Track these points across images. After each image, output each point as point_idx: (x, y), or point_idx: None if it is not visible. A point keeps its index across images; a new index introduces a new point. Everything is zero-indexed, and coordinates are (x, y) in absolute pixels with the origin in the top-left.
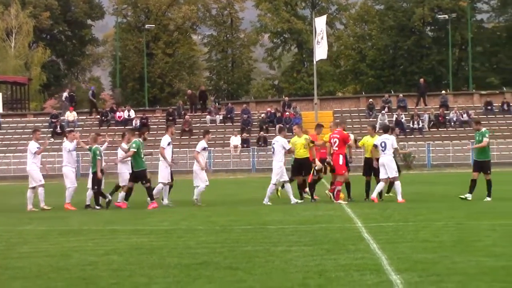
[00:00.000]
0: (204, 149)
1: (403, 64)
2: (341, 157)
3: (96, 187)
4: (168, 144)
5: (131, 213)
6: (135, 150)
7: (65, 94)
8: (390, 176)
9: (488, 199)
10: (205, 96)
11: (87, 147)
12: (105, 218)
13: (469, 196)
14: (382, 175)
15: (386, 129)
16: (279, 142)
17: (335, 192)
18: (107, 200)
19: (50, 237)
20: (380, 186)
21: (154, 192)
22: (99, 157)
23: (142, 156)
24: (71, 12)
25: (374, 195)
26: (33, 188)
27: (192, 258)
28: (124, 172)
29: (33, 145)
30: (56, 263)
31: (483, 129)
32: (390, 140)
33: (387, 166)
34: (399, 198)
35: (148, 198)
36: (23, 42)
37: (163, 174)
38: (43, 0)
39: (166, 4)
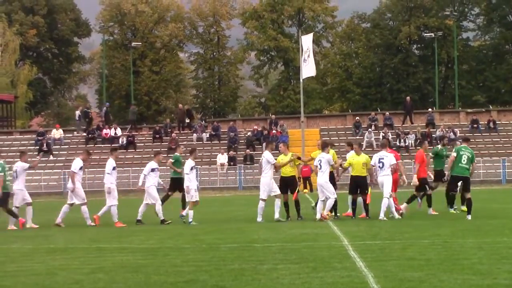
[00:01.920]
0: (153, 170)
1: (390, 82)
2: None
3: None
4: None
5: (117, 231)
6: (2, 174)
7: (77, 113)
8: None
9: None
10: (190, 115)
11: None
12: (90, 236)
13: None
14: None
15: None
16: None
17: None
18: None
19: (36, 255)
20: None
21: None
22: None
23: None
24: (57, 30)
25: (382, 215)
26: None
27: (178, 276)
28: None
29: (23, 165)
30: (42, 282)
31: (461, 144)
32: (388, 157)
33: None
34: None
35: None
36: (9, 60)
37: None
38: (30, 18)
39: (153, 22)
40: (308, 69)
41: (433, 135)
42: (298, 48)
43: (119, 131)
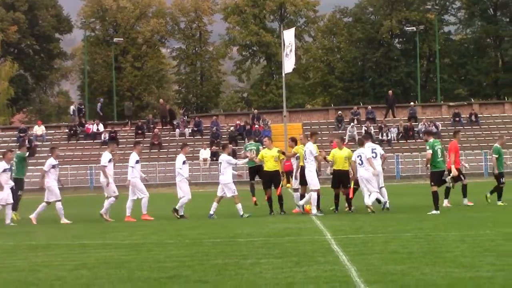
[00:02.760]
0: (184, 162)
1: (372, 76)
2: None
3: None
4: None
5: (100, 227)
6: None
7: (72, 108)
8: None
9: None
10: (172, 114)
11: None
12: (73, 232)
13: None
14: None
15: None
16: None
17: None
18: None
19: (18, 252)
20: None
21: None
22: None
23: None
24: (38, 26)
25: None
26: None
27: (162, 271)
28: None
29: (51, 161)
30: (24, 278)
31: (431, 140)
32: (378, 149)
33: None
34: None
35: None
36: None
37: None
38: (11, 14)
39: (135, 17)
40: (290, 64)
41: (415, 129)
42: (280, 43)
43: (101, 127)
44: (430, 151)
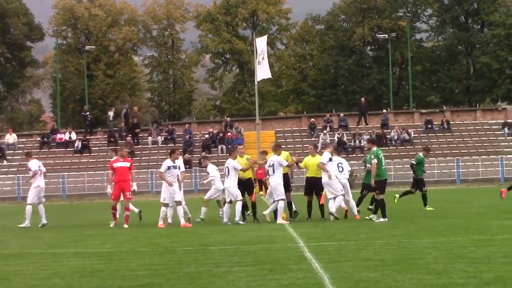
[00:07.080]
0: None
1: (344, 83)
2: None
3: None
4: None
5: (72, 236)
6: None
7: (111, 114)
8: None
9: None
10: (136, 126)
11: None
12: (46, 241)
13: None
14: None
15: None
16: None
17: None
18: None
19: None
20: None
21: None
22: None
23: None
24: (10, 34)
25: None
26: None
27: (135, 280)
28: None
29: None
30: None
31: (374, 148)
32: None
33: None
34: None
35: None
36: None
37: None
38: None
39: (107, 25)
40: (262, 71)
41: (387, 136)
42: (253, 50)
43: (73, 135)
44: (375, 160)
